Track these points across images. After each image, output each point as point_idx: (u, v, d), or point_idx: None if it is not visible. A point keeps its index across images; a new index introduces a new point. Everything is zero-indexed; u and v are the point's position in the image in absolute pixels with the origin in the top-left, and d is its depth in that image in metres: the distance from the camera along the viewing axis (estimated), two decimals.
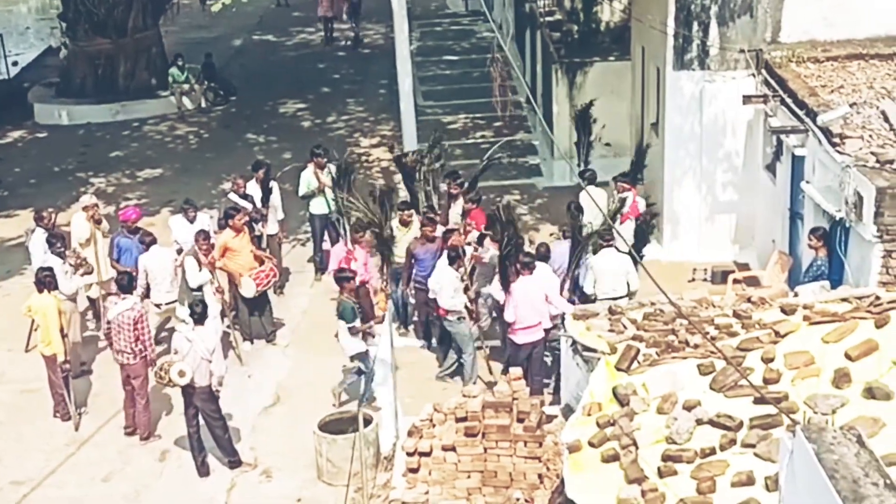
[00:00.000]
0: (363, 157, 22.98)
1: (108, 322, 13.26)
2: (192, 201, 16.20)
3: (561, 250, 14.35)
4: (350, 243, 14.94)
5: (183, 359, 12.25)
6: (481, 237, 14.62)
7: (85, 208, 15.79)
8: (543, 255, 13.83)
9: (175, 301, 14.88)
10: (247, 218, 15.46)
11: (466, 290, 13.89)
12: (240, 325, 15.50)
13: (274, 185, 17.13)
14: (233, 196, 16.44)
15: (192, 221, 15.64)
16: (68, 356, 13.56)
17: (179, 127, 25.87)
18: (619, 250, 13.88)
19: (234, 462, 12.83)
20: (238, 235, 15.17)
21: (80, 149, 24.48)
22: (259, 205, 16.48)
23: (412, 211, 15.30)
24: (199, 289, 14.66)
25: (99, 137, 25.29)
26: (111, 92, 27.04)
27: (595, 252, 13.94)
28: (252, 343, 15.54)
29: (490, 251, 14.35)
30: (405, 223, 15.18)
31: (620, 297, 13.31)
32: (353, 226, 14.94)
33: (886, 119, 13.86)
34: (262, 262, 15.32)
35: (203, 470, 12.74)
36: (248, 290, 15.10)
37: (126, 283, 13.41)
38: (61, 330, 13.38)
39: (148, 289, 14.70)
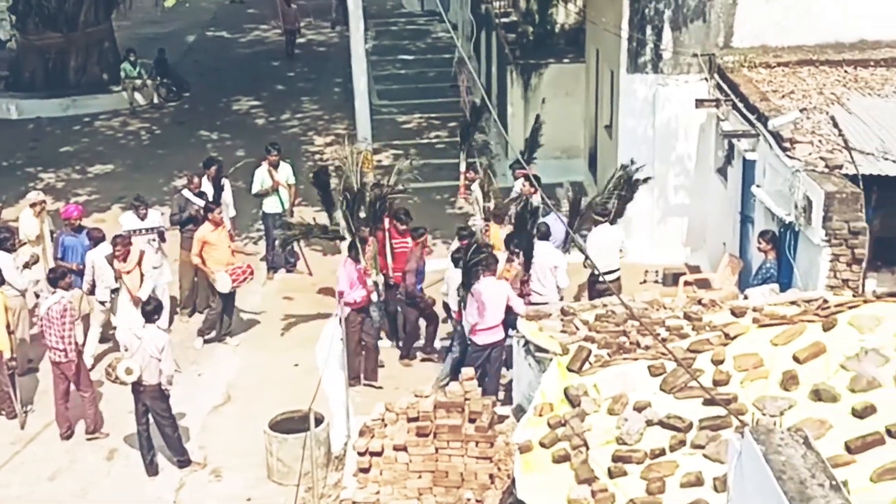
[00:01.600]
0: (316, 156, 22.91)
1: (40, 319, 13.07)
2: (142, 198, 16.02)
3: (559, 227, 14.62)
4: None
5: (132, 356, 12.14)
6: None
7: (32, 205, 15.60)
8: (544, 233, 14.16)
9: (116, 290, 14.70)
10: (222, 213, 15.45)
11: None
12: (210, 322, 15.39)
13: (226, 182, 17.02)
14: (186, 193, 16.30)
15: (142, 218, 15.47)
16: (15, 353, 13.38)
17: (131, 122, 25.63)
18: (612, 224, 14.65)
19: (184, 461, 12.73)
20: (216, 230, 15.15)
21: (29, 143, 24.18)
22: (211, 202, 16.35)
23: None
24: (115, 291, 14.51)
25: (49, 132, 25.00)
26: (62, 86, 26.75)
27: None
28: (222, 342, 15.41)
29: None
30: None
31: (615, 271, 14.11)
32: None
33: (836, 125, 14.02)
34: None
35: (152, 469, 12.63)
36: (224, 285, 14.99)
37: (57, 278, 13.25)
38: (7, 326, 13.20)
39: (93, 285, 14.53)
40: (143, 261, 14.45)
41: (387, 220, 14.97)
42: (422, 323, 14.88)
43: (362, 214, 14.71)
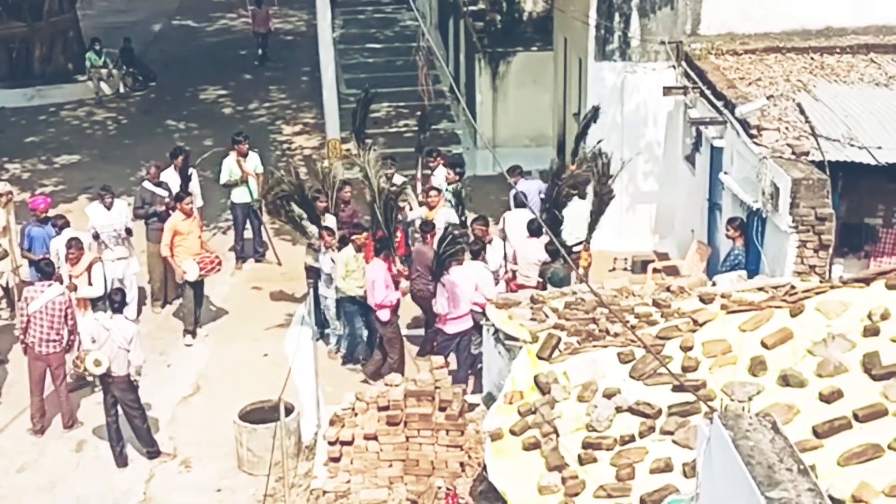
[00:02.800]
0: (285, 145, 22.83)
1: (30, 314, 12.82)
2: (108, 187, 15.88)
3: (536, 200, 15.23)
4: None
5: (100, 348, 12.06)
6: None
7: None
8: (535, 230, 14.25)
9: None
10: (193, 202, 15.36)
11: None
12: (183, 314, 15.31)
13: (193, 172, 16.91)
14: (147, 185, 16.14)
15: (109, 208, 15.34)
16: None
17: (97, 112, 25.43)
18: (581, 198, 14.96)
19: (153, 452, 12.68)
20: (187, 219, 15.07)
21: None
22: (177, 191, 16.21)
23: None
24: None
25: (14, 122, 24.76)
26: (26, 76, 26.51)
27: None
28: (194, 336, 15.27)
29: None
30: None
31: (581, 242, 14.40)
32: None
33: (802, 111, 14.10)
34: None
35: (121, 460, 12.56)
36: (192, 272, 14.88)
37: (50, 269, 13.18)
38: None
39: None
40: (94, 268, 14.03)
41: None
42: None
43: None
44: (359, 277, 13.96)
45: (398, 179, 15.32)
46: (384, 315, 13.61)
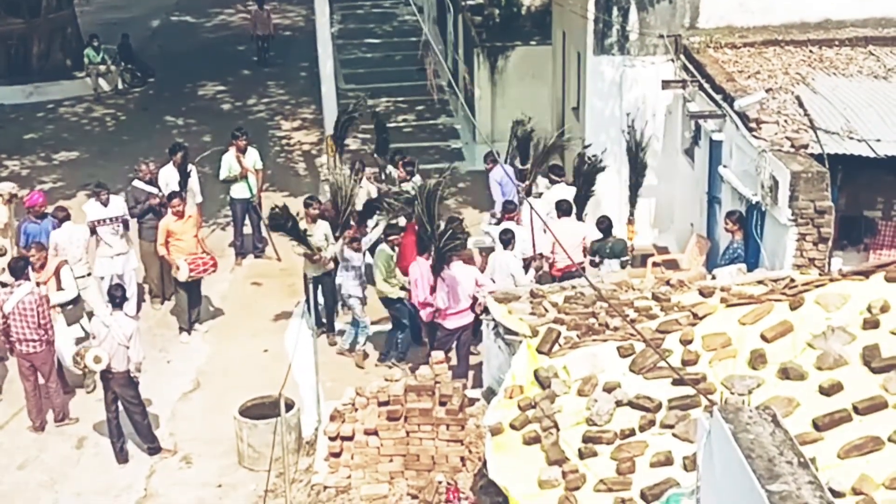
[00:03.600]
0: (283, 141, 22.82)
1: (6, 315, 12.72)
2: (103, 184, 15.84)
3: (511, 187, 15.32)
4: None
5: (100, 344, 12.06)
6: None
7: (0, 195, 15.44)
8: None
9: (84, 276, 14.58)
10: (182, 203, 15.08)
11: None
12: (177, 313, 15.25)
13: (192, 168, 16.90)
14: (138, 183, 16.06)
15: (105, 204, 15.30)
16: None
17: (96, 109, 25.42)
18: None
19: (154, 448, 12.68)
20: (179, 220, 14.90)
21: None
22: (177, 188, 16.18)
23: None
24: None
25: (12, 119, 24.75)
26: (24, 73, 26.49)
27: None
28: (189, 333, 15.23)
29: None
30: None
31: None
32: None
33: (801, 104, 14.09)
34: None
35: (122, 457, 12.57)
36: (182, 273, 14.77)
37: (21, 268, 13.11)
38: None
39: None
40: (62, 272, 13.72)
41: None
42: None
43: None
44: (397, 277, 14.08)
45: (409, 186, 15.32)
46: (426, 314, 13.55)
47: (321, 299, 14.96)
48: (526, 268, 14.19)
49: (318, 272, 14.66)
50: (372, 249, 14.76)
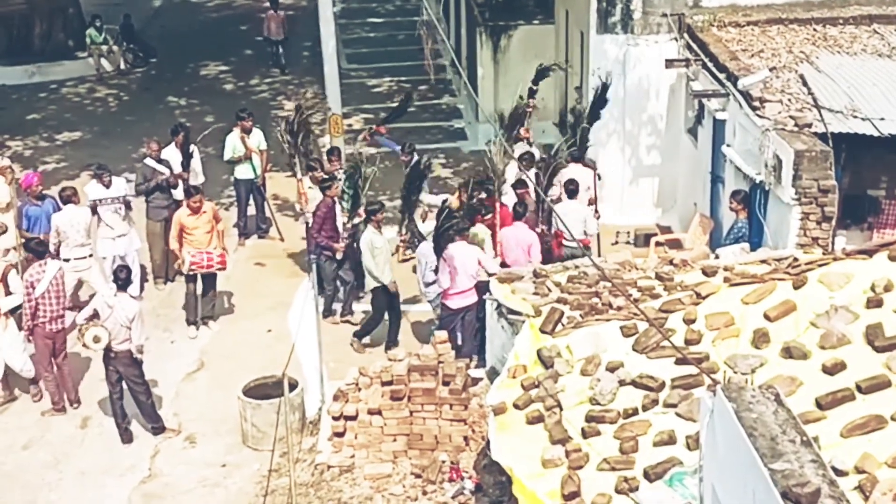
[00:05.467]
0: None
1: (37, 297, 12.75)
2: (105, 166, 15.84)
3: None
4: None
5: (100, 324, 12.07)
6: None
7: (0, 170, 15.42)
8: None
9: (85, 257, 14.60)
10: (201, 198, 14.80)
11: None
12: (188, 306, 14.95)
13: (194, 149, 16.86)
14: (149, 161, 16.08)
15: (107, 186, 15.27)
16: None
17: (98, 89, 25.36)
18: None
19: (158, 428, 12.71)
20: (193, 215, 14.57)
21: None
22: (179, 169, 16.19)
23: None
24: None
25: (15, 100, 24.70)
26: (26, 53, 26.40)
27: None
28: (198, 328, 14.94)
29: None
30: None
31: None
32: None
33: (805, 83, 14.05)
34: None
35: (126, 436, 12.60)
36: (184, 266, 14.54)
37: (42, 249, 13.20)
38: None
39: (57, 248, 14.42)
40: (9, 276, 13.45)
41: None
42: None
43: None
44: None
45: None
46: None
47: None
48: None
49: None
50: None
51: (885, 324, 8.52)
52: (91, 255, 14.80)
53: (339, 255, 14.73)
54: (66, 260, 14.42)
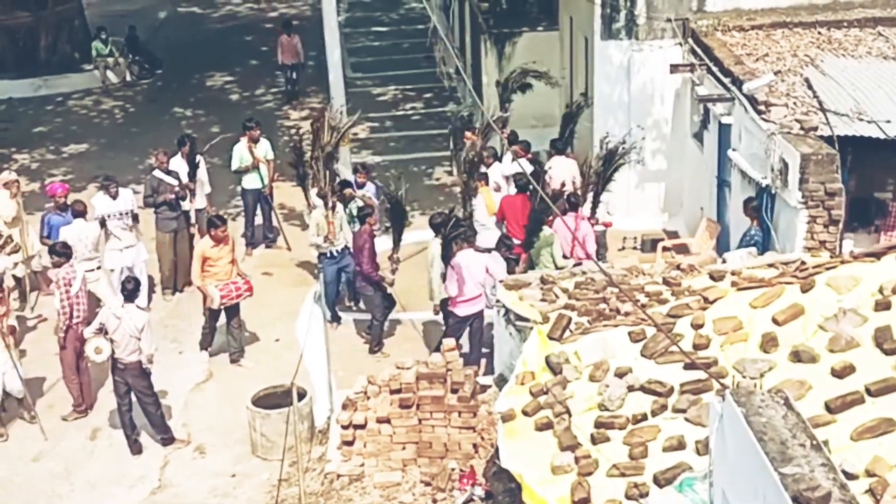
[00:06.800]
0: (292, 130, 22.81)
1: (71, 297, 12.89)
2: (112, 177, 15.90)
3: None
4: None
5: (107, 335, 12.09)
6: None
7: (6, 185, 15.48)
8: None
9: (93, 270, 14.62)
10: (225, 229, 14.21)
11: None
12: (204, 337, 14.53)
13: (200, 159, 16.91)
14: (158, 173, 16.10)
15: (114, 197, 15.32)
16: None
17: (104, 101, 25.44)
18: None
19: (167, 439, 12.73)
20: (217, 246, 13.96)
21: (1, 125, 23.96)
22: (185, 180, 16.23)
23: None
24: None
25: (21, 113, 24.79)
26: (32, 66, 26.49)
27: None
28: (210, 356, 14.54)
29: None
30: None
31: None
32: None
33: (810, 87, 14.05)
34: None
35: (135, 448, 12.62)
36: (214, 301, 13.99)
37: (68, 251, 13.34)
38: None
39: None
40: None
41: None
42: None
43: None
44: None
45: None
46: None
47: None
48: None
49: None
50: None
51: (893, 326, 8.49)
52: (99, 268, 14.84)
53: (390, 288, 14.50)
54: None
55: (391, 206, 14.49)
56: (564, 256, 13.92)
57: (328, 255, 14.86)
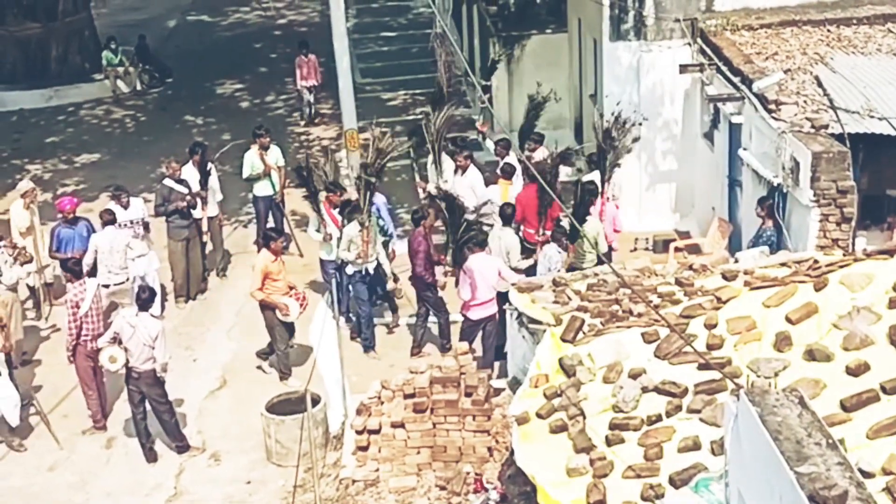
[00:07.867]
0: (302, 137, 22.86)
1: (82, 316, 12.84)
2: (122, 187, 15.94)
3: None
4: None
5: (121, 343, 12.12)
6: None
7: (23, 195, 15.54)
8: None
9: (123, 282, 14.68)
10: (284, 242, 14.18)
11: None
12: (278, 359, 13.99)
13: (211, 167, 16.94)
14: (168, 182, 16.11)
15: (125, 207, 15.36)
16: (11, 346, 13.32)
17: (115, 111, 25.51)
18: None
19: (182, 447, 12.75)
20: (277, 260, 13.71)
21: (13, 135, 24.05)
22: (197, 188, 16.25)
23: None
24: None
25: (33, 123, 24.88)
26: (43, 77, 26.59)
27: None
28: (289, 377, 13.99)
29: None
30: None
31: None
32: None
33: (820, 84, 14.02)
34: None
35: (150, 456, 12.64)
36: (294, 311, 13.73)
37: (79, 269, 13.33)
38: (0, 320, 13.16)
39: (91, 268, 14.48)
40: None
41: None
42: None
43: None
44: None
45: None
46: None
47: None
48: None
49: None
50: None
51: None
52: (128, 279, 14.83)
53: (442, 289, 14.40)
54: (106, 286, 14.37)
55: (447, 205, 14.56)
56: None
57: (362, 272, 14.40)
